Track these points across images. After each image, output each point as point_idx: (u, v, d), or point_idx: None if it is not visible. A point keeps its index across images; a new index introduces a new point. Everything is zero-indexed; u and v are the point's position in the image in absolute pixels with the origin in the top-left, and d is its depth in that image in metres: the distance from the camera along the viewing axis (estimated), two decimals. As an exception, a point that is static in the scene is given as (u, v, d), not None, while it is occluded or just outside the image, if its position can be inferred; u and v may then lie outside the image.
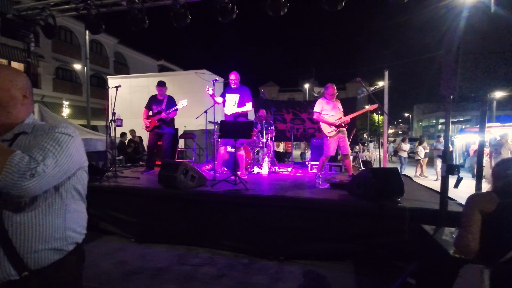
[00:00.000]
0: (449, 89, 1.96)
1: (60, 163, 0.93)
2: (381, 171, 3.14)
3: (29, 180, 0.84)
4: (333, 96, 4.45)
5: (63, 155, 0.95)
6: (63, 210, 1.04)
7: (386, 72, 6.65)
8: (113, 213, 3.83)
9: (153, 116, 4.89)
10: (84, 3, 3.48)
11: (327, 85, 4.50)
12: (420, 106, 43.76)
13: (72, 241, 1.08)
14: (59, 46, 18.96)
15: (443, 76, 2.03)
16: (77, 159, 1.03)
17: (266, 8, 3.21)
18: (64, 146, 0.96)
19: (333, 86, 4.46)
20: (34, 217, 0.95)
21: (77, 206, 1.12)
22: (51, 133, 0.97)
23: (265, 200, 3.22)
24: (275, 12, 3.19)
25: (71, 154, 0.99)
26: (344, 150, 4.49)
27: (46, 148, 0.92)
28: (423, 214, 2.68)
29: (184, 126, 7.46)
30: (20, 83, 1.04)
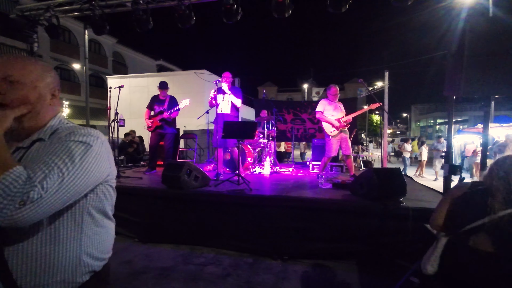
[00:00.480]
0: (453, 91, 2.00)
1: (68, 184, 0.73)
2: (384, 171, 3.17)
3: (18, 209, 0.65)
4: (335, 97, 4.49)
5: (74, 172, 0.74)
6: (78, 234, 0.84)
7: (386, 72, 6.70)
8: (116, 213, 3.82)
9: (155, 116, 4.90)
10: (89, 4, 3.49)
11: (330, 86, 4.53)
12: (418, 106, 44.04)
13: (88, 270, 0.88)
14: (57, 45, 18.89)
15: (447, 78, 2.06)
16: (96, 173, 0.82)
17: (271, 9, 3.23)
18: (78, 159, 0.76)
19: (336, 87, 4.49)
20: (39, 246, 0.77)
21: (99, 228, 0.92)
22: (65, 142, 0.77)
23: (269, 200, 3.24)
24: (280, 14, 3.22)
25: (87, 169, 0.78)
26: (346, 150, 4.53)
27: (53, 162, 0.72)
28: (426, 214, 2.71)
29: (184, 126, 7.47)
30: (49, 78, 0.88)
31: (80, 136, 0.80)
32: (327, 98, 4.58)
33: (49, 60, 18.42)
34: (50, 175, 0.70)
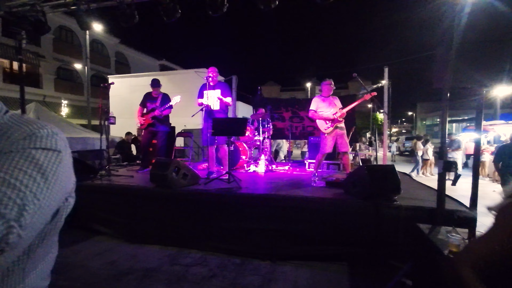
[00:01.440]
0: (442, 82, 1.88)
1: (44, 210, 0.55)
2: (377, 168, 3.05)
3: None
4: (329, 91, 4.36)
5: (50, 194, 0.56)
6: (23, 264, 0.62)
7: (385, 69, 6.53)
8: (104, 213, 3.77)
9: (147, 114, 4.84)
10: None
11: (323, 81, 4.42)
12: (423, 104, 43.43)
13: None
14: (60, 46, 19.05)
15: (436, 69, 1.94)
16: (68, 186, 0.64)
17: (257, 1, 3.12)
18: (51, 176, 0.57)
19: (329, 80, 4.36)
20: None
21: (49, 254, 0.75)
22: (26, 150, 0.55)
23: (257, 199, 3.14)
24: (265, 6, 3.11)
25: (62, 186, 0.60)
26: (342, 147, 4.39)
27: (22, 185, 0.52)
28: (419, 213, 2.59)
29: (184, 125, 7.41)
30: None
31: (44, 139, 0.59)
32: (320, 95, 4.47)
33: (52, 60, 18.58)
34: (26, 207, 0.51)
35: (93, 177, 4.16)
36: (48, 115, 6.75)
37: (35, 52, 17.15)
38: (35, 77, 17.74)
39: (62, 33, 19.36)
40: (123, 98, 10.89)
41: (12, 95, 15.61)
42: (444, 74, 1.78)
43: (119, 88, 11.28)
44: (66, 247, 3.46)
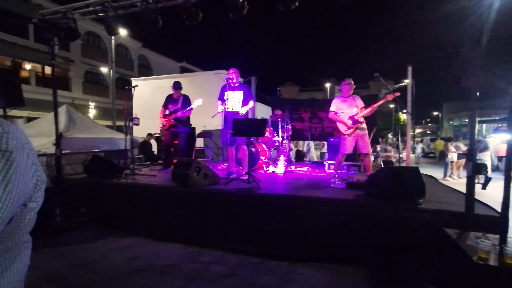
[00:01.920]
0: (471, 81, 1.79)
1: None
2: (400, 170, 2.96)
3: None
4: (349, 90, 4.28)
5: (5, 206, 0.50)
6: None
7: (409, 68, 6.31)
8: (128, 210, 3.93)
9: (169, 115, 4.98)
10: (102, 6, 3.61)
11: (342, 81, 4.34)
12: (450, 104, 41.44)
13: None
14: (87, 50, 20.02)
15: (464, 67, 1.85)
16: (22, 189, 0.56)
17: (276, 2, 3.13)
18: (3, 184, 0.50)
19: (348, 81, 4.27)
20: None
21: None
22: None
23: (277, 199, 3.14)
24: (285, 7, 3.11)
25: (14, 189, 0.52)
26: (363, 148, 4.30)
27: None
28: (446, 217, 2.48)
29: (204, 126, 7.55)
30: None
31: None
32: (340, 96, 4.39)
33: (80, 65, 19.57)
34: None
35: (118, 176, 4.35)
36: (79, 117, 7.10)
37: (65, 57, 18.13)
38: (65, 81, 18.76)
39: (90, 39, 20.35)
40: (145, 100, 11.24)
41: (44, 98, 16.61)
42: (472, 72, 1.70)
43: (141, 90, 11.62)
44: (90, 242, 3.63)
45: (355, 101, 4.27)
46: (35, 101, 16.21)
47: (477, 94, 2.18)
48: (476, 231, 2.18)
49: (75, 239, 3.76)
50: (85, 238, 3.78)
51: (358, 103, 4.27)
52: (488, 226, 2.25)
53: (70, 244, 3.59)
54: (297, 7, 3.32)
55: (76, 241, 3.69)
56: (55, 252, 3.29)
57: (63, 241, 3.67)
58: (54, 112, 4.39)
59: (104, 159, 4.58)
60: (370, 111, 4.17)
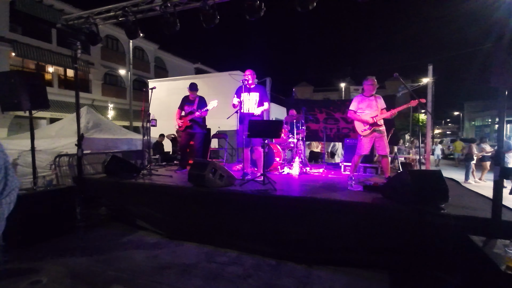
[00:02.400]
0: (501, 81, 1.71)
1: None
2: (422, 173, 2.88)
3: None
4: (372, 90, 4.15)
5: None
6: None
7: (430, 66, 6.12)
8: (146, 210, 4.01)
9: (185, 116, 5.06)
10: (122, 10, 3.72)
11: (367, 77, 4.17)
12: (471, 103, 39.90)
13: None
14: (107, 53, 20.66)
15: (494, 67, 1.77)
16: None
17: (294, 3, 3.12)
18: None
19: (371, 80, 4.12)
20: None
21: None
22: None
23: (293, 201, 3.12)
24: (303, 7, 3.09)
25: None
26: (381, 150, 4.20)
27: None
28: (471, 223, 2.38)
29: (218, 126, 7.62)
30: None
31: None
32: (361, 94, 4.28)
33: (99, 67, 20.22)
34: None
35: (136, 176, 4.46)
36: (98, 118, 7.32)
37: (86, 60, 18.78)
38: (85, 83, 19.43)
39: (109, 42, 20.99)
40: (161, 101, 11.46)
41: (66, 99, 17.27)
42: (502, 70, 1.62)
43: (157, 92, 11.79)
44: (111, 240, 3.75)
45: (376, 102, 4.16)
46: (58, 102, 16.89)
47: (505, 94, 2.08)
48: (504, 239, 2.09)
49: (97, 236, 3.90)
50: (107, 236, 3.90)
51: (379, 104, 4.15)
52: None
53: (93, 241, 3.72)
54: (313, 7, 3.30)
55: (98, 238, 3.82)
56: (78, 249, 3.42)
57: (86, 238, 3.81)
58: (76, 113, 4.55)
59: (123, 159, 4.70)
60: (390, 115, 4.07)
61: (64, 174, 5.25)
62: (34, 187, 3.79)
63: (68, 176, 5.03)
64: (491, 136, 32.74)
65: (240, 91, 4.33)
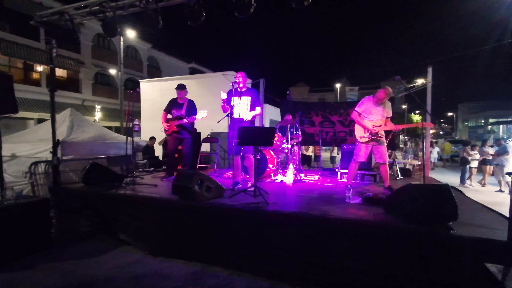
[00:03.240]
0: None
1: None
2: (429, 188, 2.61)
3: None
4: (382, 99, 3.88)
5: None
6: None
7: (429, 68, 5.89)
8: (130, 223, 3.70)
9: (172, 120, 4.74)
10: (100, 6, 3.40)
11: (385, 87, 3.93)
12: (465, 104, 40.20)
13: None
14: (98, 52, 20.16)
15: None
16: None
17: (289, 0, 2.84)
18: None
19: (388, 90, 3.84)
20: None
21: None
22: None
23: (286, 217, 2.83)
24: (298, 4, 2.81)
25: None
26: (379, 157, 3.96)
27: None
28: (484, 247, 2.12)
29: (211, 128, 7.31)
30: None
31: None
32: (372, 97, 4.00)
33: (91, 66, 19.71)
34: None
35: (118, 185, 4.13)
36: (84, 120, 6.94)
37: (76, 59, 18.27)
38: (75, 83, 18.92)
39: (100, 40, 20.46)
40: (154, 102, 11.14)
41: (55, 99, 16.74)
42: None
43: (150, 92, 11.59)
44: (92, 257, 3.42)
45: (383, 110, 3.90)
46: (46, 102, 16.39)
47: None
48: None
49: (75, 253, 3.56)
50: (86, 253, 3.57)
51: (386, 112, 3.90)
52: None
53: (70, 259, 3.39)
54: (309, 5, 3.02)
55: (75, 255, 3.49)
56: (55, 269, 3.10)
57: (63, 256, 3.48)
58: (51, 116, 4.19)
59: (103, 167, 4.37)
60: (395, 129, 3.88)
61: (43, 183, 4.89)
62: (1, 200, 3.44)
63: (46, 185, 4.67)
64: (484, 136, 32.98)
65: (231, 95, 4.03)
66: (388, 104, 3.99)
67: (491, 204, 3.47)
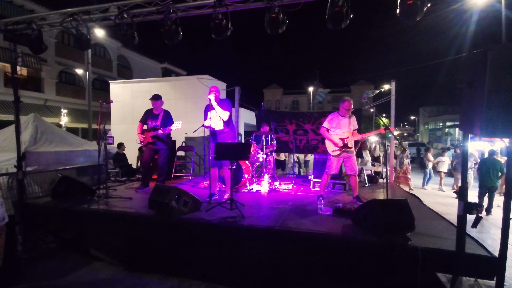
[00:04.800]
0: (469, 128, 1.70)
1: None
2: (390, 203, 2.88)
3: None
4: (348, 112, 4.14)
5: None
6: None
7: (393, 82, 6.34)
8: (102, 239, 3.62)
9: (148, 131, 4.69)
10: (71, 18, 3.28)
11: (344, 99, 4.15)
12: (426, 108, 43.18)
13: None
14: (62, 49, 18.96)
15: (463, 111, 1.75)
16: None
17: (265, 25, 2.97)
18: None
19: (350, 101, 4.11)
20: None
21: None
22: None
23: (261, 232, 2.97)
24: (273, 31, 2.96)
25: None
26: (349, 170, 4.23)
27: None
28: (436, 256, 2.40)
29: (185, 133, 7.24)
30: None
31: None
32: (337, 112, 4.24)
33: (54, 64, 18.49)
34: None
35: (90, 199, 4.01)
36: (49, 127, 6.53)
37: (37, 56, 17.05)
38: (37, 81, 17.67)
39: (65, 37, 19.27)
40: (125, 104, 10.77)
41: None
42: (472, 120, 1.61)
43: (121, 94, 11.17)
44: (61, 277, 3.30)
45: (349, 122, 4.16)
46: (4, 103, 15.15)
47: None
48: (469, 276, 2.11)
49: (42, 272, 3.41)
50: (54, 271, 3.43)
51: (352, 124, 4.17)
52: (481, 270, 2.19)
53: (36, 279, 3.25)
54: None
55: (42, 275, 3.34)
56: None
57: (29, 276, 3.31)
58: (15, 129, 3.95)
59: (74, 180, 4.21)
60: (361, 139, 4.13)
61: (7, 197, 4.56)
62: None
63: (9, 200, 4.38)
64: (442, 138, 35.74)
65: (208, 110, 4.09)
66: (353, 117, 4.28)
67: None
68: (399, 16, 2.78)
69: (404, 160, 8.28)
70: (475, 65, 1.65)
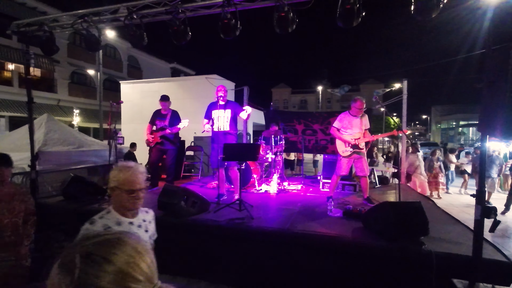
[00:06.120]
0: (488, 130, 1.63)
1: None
2: (402, 206, 2.80)
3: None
4: (360, 111, 4.04)
5: None
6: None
7: (405, 81, 6.18)
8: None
9: (156, 132, 4.71)
10: (82, 20, 3.32)
11: (356, 98, 4.04)
12: (438, 107, 42.22)
13: None
14: (74, 51, 19.34)
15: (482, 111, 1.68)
16: None
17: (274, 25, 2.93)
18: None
19: (362, 100, 4.00)
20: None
21: None
22: None
23: (269, 235, 2.93)
24: (282, 30, 2.91)
25: None
26: (360, 171, 4.15)
27: None
28: (452, 262, 2.31)
29: (194, 132, 7.27)
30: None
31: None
32: (348, 112, 4.16)
33: (66, 65, 18.88)
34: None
35: (100, 199, 4.06)
36: (61, 127, 6.65)
37: (50, 57, 17.44)
38: (49, 82, 18.07)
39: (76, 38, 19.65)
40: (134, 104, 10.89)
41: (27, 99, 15.90)
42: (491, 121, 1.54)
43: (131, 94, 11.31)
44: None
45: (361, 122, 4.07)
46: (18, 102, 15.56)
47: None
48: (486, 283, 2.03)
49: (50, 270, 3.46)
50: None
51: (364, 124, 4.07)
52: (499, 276, 2.10)
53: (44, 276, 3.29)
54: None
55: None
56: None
57: (38, 273, 3.37)
58: (29, 129, 4.03)
59: (85, 180, 4.26)
60: (372, 139, 4.04)
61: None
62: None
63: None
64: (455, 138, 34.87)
65: (212, 109, 4.08)
66: (365, 116, 4.18)
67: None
68: (413, 13, 2.69)
69: (434, 163, 7.51)
70: (496, 64, 1.57)
